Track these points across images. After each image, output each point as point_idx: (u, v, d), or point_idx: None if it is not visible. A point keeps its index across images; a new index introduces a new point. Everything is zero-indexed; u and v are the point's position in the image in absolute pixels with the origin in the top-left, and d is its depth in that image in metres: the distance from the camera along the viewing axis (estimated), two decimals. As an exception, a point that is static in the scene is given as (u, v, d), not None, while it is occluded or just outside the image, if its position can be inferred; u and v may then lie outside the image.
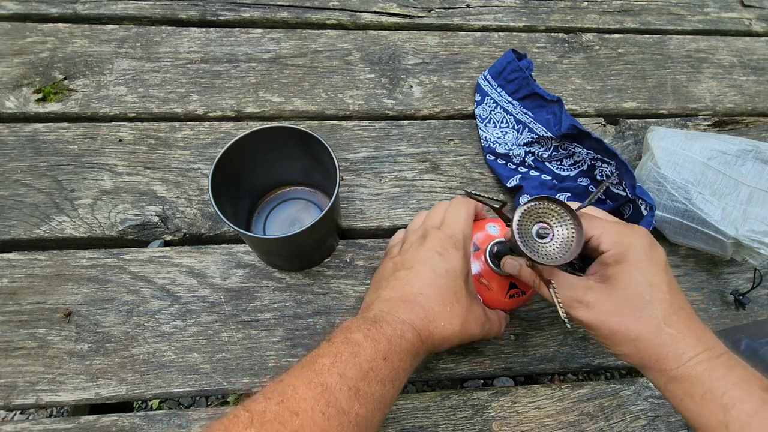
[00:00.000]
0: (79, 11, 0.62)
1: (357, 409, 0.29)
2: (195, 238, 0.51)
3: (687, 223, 0.49)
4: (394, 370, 0.32)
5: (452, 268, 0.37)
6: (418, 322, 0.35)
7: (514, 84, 0.57)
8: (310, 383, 0.28)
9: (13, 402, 0.42)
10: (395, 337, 0.33)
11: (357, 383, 0.29)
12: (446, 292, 0.36)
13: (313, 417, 0.27)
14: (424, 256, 0.38)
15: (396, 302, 0.36)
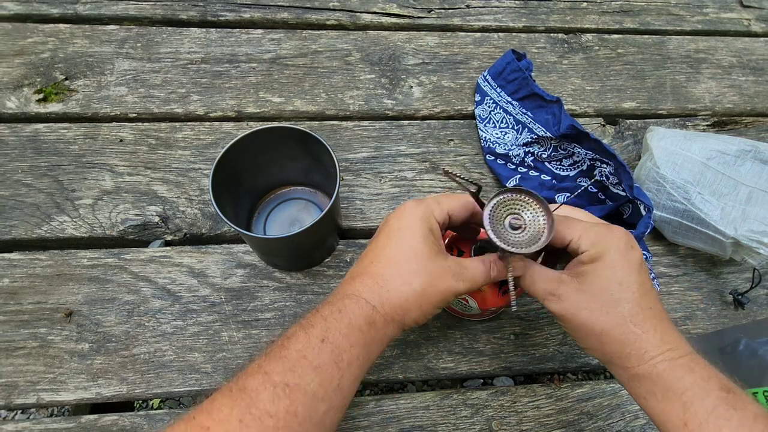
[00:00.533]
0: (79, 12, 0.62)
1: (287, 407, 0.27)
2: (195, 238, 0.51)
3: (686, 223, 0.49)
4: (337, 350, 0.30)
5: (406, 225, 0.34)
6: (365, 290, 0.33)
7: (513, 84, 0.57)
8: (230, 391, 0.27)
9: (14, 401, 0.42)
10: (333, 314, 0.31)
11: (284, 378, 0.28)
12: (399, 251, 0.34)
13: (227, 428, 0.25)
14: (383, 225, 0.36)
15: (347, 281, 0.34)
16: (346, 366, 0.30)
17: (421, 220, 0.34)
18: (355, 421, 0.44)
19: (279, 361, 0.29)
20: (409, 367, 0.47)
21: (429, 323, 0.48)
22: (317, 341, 0.30)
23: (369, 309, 0.32)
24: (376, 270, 0.34)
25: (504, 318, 0.49)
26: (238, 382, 0.28)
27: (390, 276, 0.33)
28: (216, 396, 0.27)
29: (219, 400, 0.27)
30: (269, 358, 0.29)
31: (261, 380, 0.27)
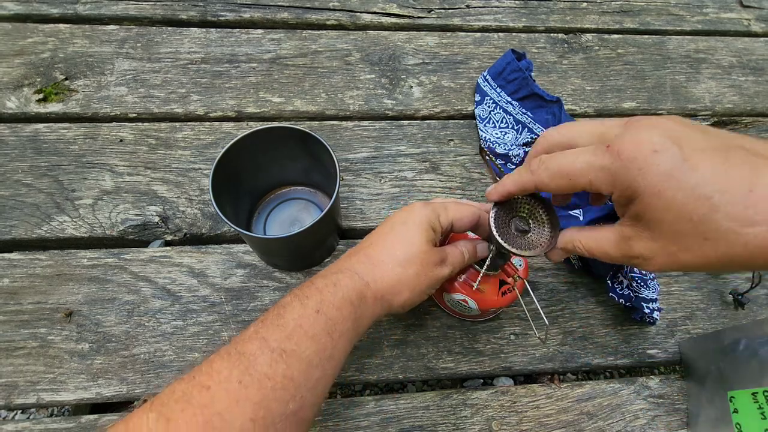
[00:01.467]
0: (79, 12, 0.62)
1: (284, 371, 0.28)
2: (195, 238, 0.51)
3: (686, 223, 0.49)
4: (330, 321, 0.31)
5: (410, 220, 0.36)
6: (360, 266, 0.34)
7: (513, 84, 0.57)
8: (228, 355, 0.28)
9: (14, 401, 0.42)
10: (328, 287, 0.32)
11: (281, 344, 0.29)
12: (398, 240, 0.35)
13: (227, 387, 0.26)
14: (386, 220, 0.38)
15: (342, 258, 0.36)
16: (338, 337, 0.31)
17: (425, 219, 0.36)
18: (355, 421, 0.44)
19: (276, 328, 0.29)
20: (409, 367, 0.47)
21: (429, 323, 0.48)
22: (312, 312, 0.31)
23: (362, 284, 0.33)
24: (373, 252, 0.35)
25: (504, 318, 0.49)
26: (236, 346, 0.29)
27: (385, 258, 0.35)
28: (214, 359, 0.28)
29: (218, 362, 0.28)
30: (266, 325, 0.30)
31: (258, 345, 0.28)
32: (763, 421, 0.39)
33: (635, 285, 0.47)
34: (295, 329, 0.30)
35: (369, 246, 0.36)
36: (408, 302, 0.36)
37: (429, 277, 0.36)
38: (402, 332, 0.48)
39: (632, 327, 0.50)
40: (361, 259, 0.35)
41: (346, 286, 0.33)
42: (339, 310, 0.32)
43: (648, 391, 0.47)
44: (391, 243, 0.36)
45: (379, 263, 0.35)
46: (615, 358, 0.49)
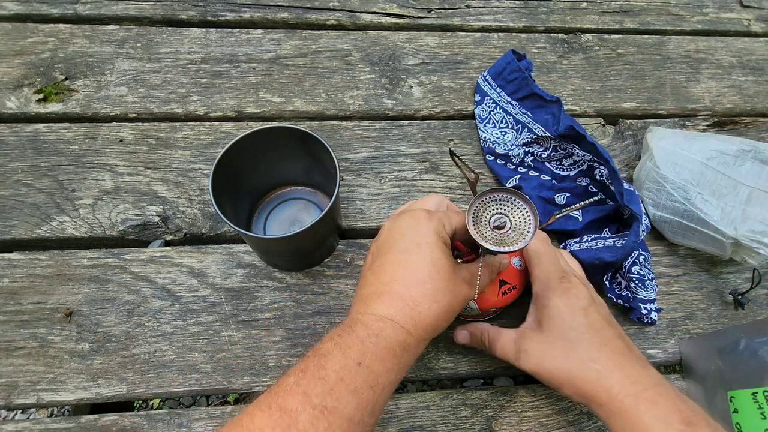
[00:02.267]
0: (79, 12, 0.62)
1: (326, 430, 0.27)
2: (195, 238, 0.51)
3: (686, 223, 0.49)
4: (372, 374, 0.29)
5: (424, 241, 0.34)
6: (398, 314, 0.32)
7: (513, 84, 0.57)
8: (269, 409, 0.27)
9: (14, 401, 0.42)
10: (370, 338, 0.30)
11: (323, 400, 0.27)
12: (422, 269, 0.33)
13: None
14: (395, 236, 0.35)
15: (371, 298, 0.33)
16: (380, 390, 0.30)
17: (436, 234, 0.35)
18: (355, 421, 0.44)
19: (318, 382, 0.28)
20: (409, 367, 0.46)
21: (429, 323, 0.48)
22: (354, 364, 0.29)
23: (404, 334, 0.32)
24: (402, 290, 0.33)
25: (504, 318, 0.49)
26: (276, 399, 0.27)
27: (419, 296, 0.33)
28: (254, 412, 0.27)
29: (258, 418, 0.26)
30: (307, 377, 0.28)
31: (300, 401, 0.27)
32: (763, 421, 0.39)
33: (633, 286, 0.47)
34: (337, 383, 0.28)
35: (395, 283, 0.33)
36: (444, 326, 0.35)
37: (459, 302, 0.35)
38: (402, 332, 0.48)
39: (632, 327, 0.50)
40: (395, 304, 0.32)
41: (388, 336, 0.31)
42: (382, 362, 0.30)
43: (648, 391, 0.47)
44: (416, 276, 0.33)
45: (415, 305, 0.32)
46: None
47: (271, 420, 0.26)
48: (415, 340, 0.32)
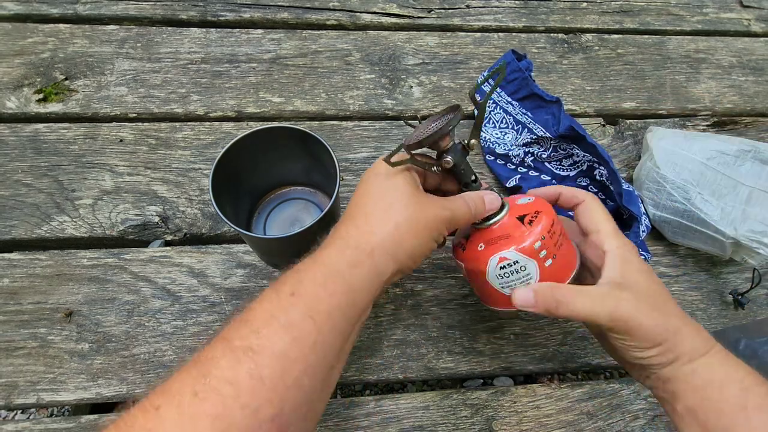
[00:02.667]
0: (79, 12, 0.62)
1: (250, 371, 0.24)
2: (195, 238, 0.51)
3: (686, 223, 0.49)
4: (311, 302, 0.27)
5: (384, 170, 0.33)
6: (348, 233, 0.30)
7: (513, 84, 0.57)
8: (185, 367, 0.25)
9: (14, 401, 0.42)
10: (307, 266, 0.29)
11: (247, 341, 0.25)
12: (381, 189, 0.32)
13: (179, 403, 0.23)
14: (360, 183, 0.34)
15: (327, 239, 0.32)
16: (324, 318, 0.27)
17: (402, 168, 0.33)
18: (355, 421, 0.44)
19: (242, 324, 0.26)
20: (409, 367, 0.47)
21: (429, 323, 0.48)
22: (287, 296, 0.27)
23: (351, 249, 0.29)
24: (357, 212, 0.31)
25: (504, 318, 0.49)
26: (196, 354, 0.25)
27: (375, 211, 0.31)
28: (174, 372, 0.25)
29: (175, 375, 0.24)
30: (233, 323, 0.26)
31: (221, 348, 0.24)
32: (763, 421, 0.39)
33: None
34: (266, 321, 0.26)
35: (351, 211, 0.32)
36: (416, 250, 0.31)
37: (427, 217, 0.31)
38: (402, 332, 0.48)
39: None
40: (347, 226, 0.31)
41: (329, 257, 0.29)
42: (323, 286, 0.27)
43: (648, 391, 0.47)
44: (374, 194, 0.32)
45: (368, 219, 0.30)
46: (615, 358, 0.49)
47: (186, 373, 0.24)
48: (368, 254, 0.29)
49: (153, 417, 0.22)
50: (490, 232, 0.36)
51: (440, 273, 0.51)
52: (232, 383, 0.23)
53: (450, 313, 0.49)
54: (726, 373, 0.31)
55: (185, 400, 0.22)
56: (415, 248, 0.31)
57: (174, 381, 0.24)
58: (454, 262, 0.39)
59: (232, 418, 0.22)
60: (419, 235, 0.31)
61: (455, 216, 0.33)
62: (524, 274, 0.34)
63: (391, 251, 0.30)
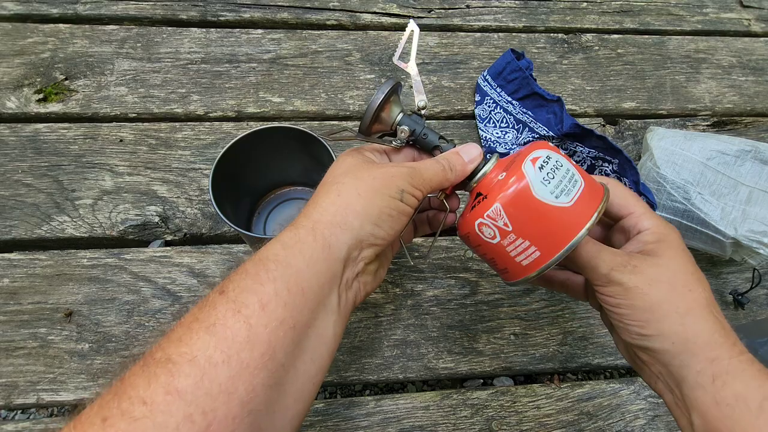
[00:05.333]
0: (79, 12, 0.62)
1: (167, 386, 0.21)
2: (195, 238, 0.51)
3: (686, 223, 0.49)
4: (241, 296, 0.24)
5: (339, 159, 0.31)
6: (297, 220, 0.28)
7: (513, 84, 0.57)
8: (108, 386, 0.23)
9: (14, 401, 0.42)
10: (244, 262, 0.26)
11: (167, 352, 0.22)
12: (331, 173, 0.30)
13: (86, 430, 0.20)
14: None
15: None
16: (256, 311, 0.23)
17: (355, 152, 0.32)
18: (355, 421, 0.44)
19: (168, 336, 0.23)
20: (409, 367, 0.47)
21: (429, 323, 0.48)
22: (215, 296, 0.24)
23: (288, 231, 0.27)
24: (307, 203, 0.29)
25: (504, 318, 0.49)
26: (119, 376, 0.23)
27: (320, 190, 0.29)
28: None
29: (90, 402, 0.22)
30: (162, 339, 0.23)
31: (140, 364, 0.22)
32: (763, 421, 0.39)
33: None
34: (190, 326, 0.23)
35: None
36: (371, 211, 0.28)
37: (378, 176, 0.28)
38: (402, 332, 0.48)
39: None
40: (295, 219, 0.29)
41: (265, 248, 0.26)
42: (254, 276, 0.24)
43: (648, 391, 0.47)
44: (324, 180, 0.30)
45: (314, 198, 0.29)
46: (615, 358, 0.49)
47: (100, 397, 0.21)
48: (308, 231, 0.26)
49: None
50: (489, 180, 0.31)
51: (440, 273, 0.51)
52: (146, 402, 0.20)
53: (450, 313, 0.49)
54: (759, 389, 0.25)
55: (92, 429, 0.20)
56: (369, 209, 0.27)
57: (87, 409, 0.21)
58: (468, 245, 0.33)
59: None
60: (370, 195, 0.28)
61: (419, 171, 0.30)
62: (565, 170, 0.29)
63: (339, 220, 0.27)
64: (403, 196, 0.29)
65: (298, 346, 0.24)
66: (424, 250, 0.52)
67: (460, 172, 0.32)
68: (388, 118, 0.33)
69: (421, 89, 0.34)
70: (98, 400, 0.21)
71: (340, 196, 0.28)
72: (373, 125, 0.33)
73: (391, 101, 0.33)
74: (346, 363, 0.46)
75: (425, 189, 0.30)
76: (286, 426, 0.24)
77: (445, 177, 0.31)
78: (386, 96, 0.32)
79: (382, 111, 0.32)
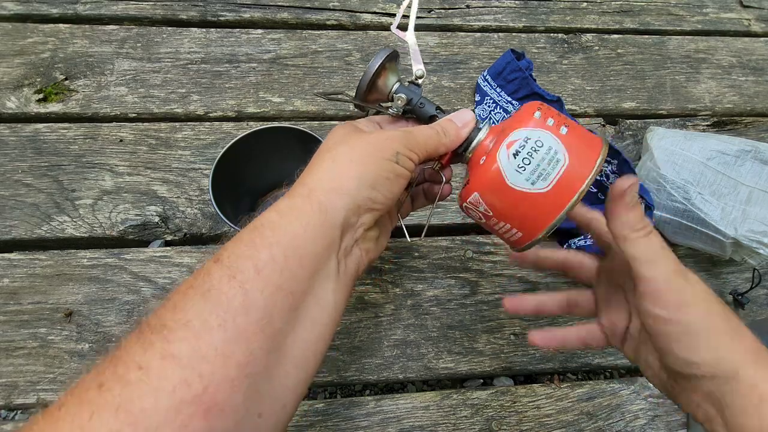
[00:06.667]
0: (79, 12, 0.62)
1: (162, 351, 0.20)
2: (195, 238, 0.51)
3: (686, 223, 0.49)
4: (235, 262, 0.23)
5: (332, 131, 0.31)
6: (296, 184, 0.28)
7: (513, 84, 0.57)
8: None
9: (14, 401, 0.42)
10: (240, 232, 0.26)
11: (162, 319, 0.22)
12: (330, 139, 0.30)
13: (81, 398, 0.20)
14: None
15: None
16: (251, 276, 0.23)
17: (347, 124, 0.31)
18: (355, 421, 0.44)
19: (163, 304, 0.23)
20: (409, 367, 0.47)
21: (429, 323, 0.48)
22: (210, 264, 0.24)
23: (284, 199, 0.26)
24: (302, 173, 0.29)
25: (504, 318, 0.49)
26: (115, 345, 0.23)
27: (315, 159, 0.28)
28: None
29: (91, 367, 0.22)
30: (158, 307, 0.23)
31: (136, 333, 0.22)
32: (763, 421, 0.39)
33: None
34: (184, 294, 0.23)
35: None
36: (367, 175, 0.27)
37: (372, 141, 0.28)
38: (402, 332, 0.48)
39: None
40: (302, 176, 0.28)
41: (261, 216, 0.26)
42: (249, 243, 0.24)
43: (648, 391, 0.47)
44: (319, 150, 0.30)
45: (309, 167, 0.28)
46: (615, 358, 0.49)
47: (98, 370, 0.21)
48: (303, 198, 0.26)
49: (50, 419, 0.19)
50: (483, 148, 0.31)
51: (440, 273, 0.51)
52: (142, 367, 0.20)
53: (450, 313, 0.49)
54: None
55: (89, 395, 0.20)
56: (365, 173, 0.27)
57: (84, 377, 0.21)
58: (471, 215, 0.32)
59: (140, 406, 0.19)
60: (365, 159, 0.27)
61: (413, 134, 0.30)
62: (545, 151, 0.27)
63: (335, 185, 0.27)
64: (398, 158, 0.28)
65: (296, 312, 0.24)
66: (424, 250, 0.52)
67: (454, 136, 0.31)
68: (384, 86, 0.33)
69: (419, 59, 0.34)
70: (94, 368, 0.21)
71: (335, 162, 0.28)
72: (369, 93, 0.32)
73: (388, 69, 0.32)
74: (346, 363, 0.46)
75: (420, 152, 0.30)
76: (288, 393, 0.24)
77: (439, 141, 0.31)
78: (383, 63, 0.31)
79: (378, 78, 0.32)
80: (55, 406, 0.20)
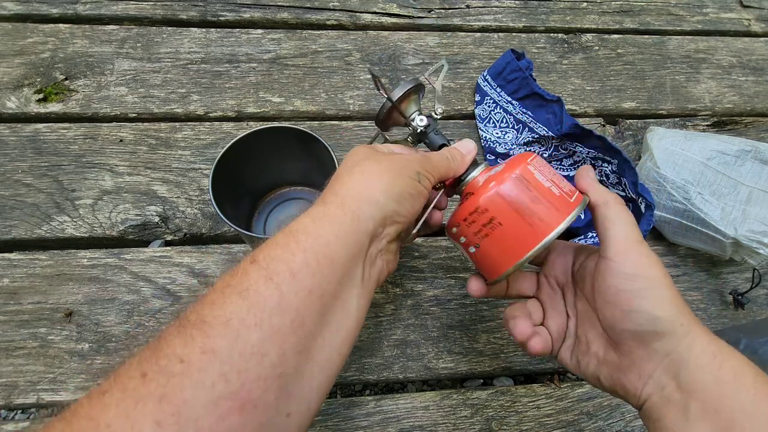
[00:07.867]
0: (79, 12, 0.62)
1: (203, 345, 0.21)
2: (195, 238, 0.51)
3: (686, 223, 0.49)
4: (271, 264, 0.24)
5: (356, 149, 0.33)
6: (322, 197, 0.29)
7: (513, 84, 0.57)
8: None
9: (14, 401, 0.42)
10: (273, 236, 0.27)
11: (201, 314, 0.23)
12: (352, 159, 0.31)
13: (125, 385, 0.21)
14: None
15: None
16: (287, 278, 0.24)
17: (366, 146, 0.34)
18: (355, 421, 0.44)
19: (200, 301, 0.24)
20: (409, 367, 0.47)
21: (429, 323, 0.48)
22: (246, 264, 0.25)
23: (318, 206, 0.28)
24: (338, 173, 0.31)
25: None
26: (156, 336, 0.23)
27: (343, 170, 0.30)
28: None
29: (128, 359, 0.22)
30: (193, 304, 0.24)
31: (176, 325, 0.22)
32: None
33: None
34: (223, 291, 0.23)
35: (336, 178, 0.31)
36: (394, 189, 0.29)
37: (396, 160, 0.31)
38: (402, 332, 0.48)
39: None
40: (323, 193, 0.30)
41: (295, 222, 0.27)
42: (284, 247, 0.25)
43: (648, 391, 0.47)
44: (344, 163, 0.31)
45: (338, 177, 0.30)
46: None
47: (138, 356, 0.22)
48: (336, 206, 0.28)
49: (97, 404, 0.20)
50: (474, 183, 0.34)
51: (440, 273, 0.51)
52: (183, 360, 0.21)
53: (450, 313, 0.49)
54: (749, 364, 0.26)
55: (132, 383, 0.20)
56: (392, 187, 0.29)
57: (126, 365, 0.22)
58: (458, 248, 0.35)
59: (182, 398, 0.20)
60: (392, 175, 0.30)
61: (430, 159, 0.32)
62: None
63: (366, 195, 0.28)
64: (419, 177, 0.31)
65: (325, 315, 0.25)
66: (424, 250, 0.52)
67: (460, 162, 0.34)
68: (405, 112, 0.36)
69: (442, 102, 0.37)
70: (137, 357, 0.22)
71: (364, 175, 0.29)
72: (391, 116, 0.36)
73: (411, 99, 0.36)
74: (346, 363, 0.46)
75: (435, 174, 0.33)
76: (313, 394, 0.25)
77: (448, 165, 0.34)
78: (409, 90, 0.34)
79: (402, 103, 0.35)
80: (99, 391, 0.21)
